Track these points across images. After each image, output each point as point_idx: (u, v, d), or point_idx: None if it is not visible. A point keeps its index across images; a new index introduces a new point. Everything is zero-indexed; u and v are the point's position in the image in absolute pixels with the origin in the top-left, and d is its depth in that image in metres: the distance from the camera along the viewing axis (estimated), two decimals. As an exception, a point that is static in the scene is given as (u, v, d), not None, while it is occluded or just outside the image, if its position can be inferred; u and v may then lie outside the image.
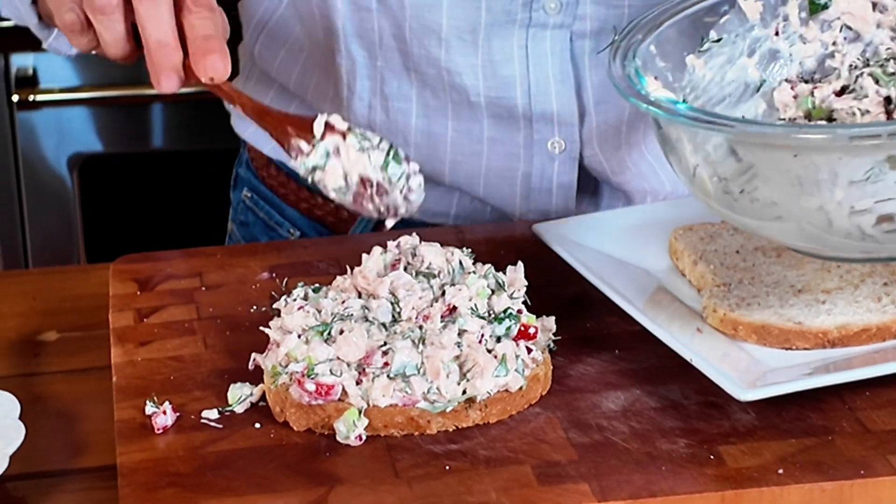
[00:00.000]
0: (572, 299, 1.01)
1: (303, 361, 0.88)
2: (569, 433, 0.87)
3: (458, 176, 1.23)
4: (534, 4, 1.15)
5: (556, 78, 1.18)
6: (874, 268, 1.00)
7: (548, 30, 1.17)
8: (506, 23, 1.16)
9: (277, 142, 0.95)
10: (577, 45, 1.18)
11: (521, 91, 1.18)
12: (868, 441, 0.85)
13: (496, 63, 1.18)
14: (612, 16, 1.16)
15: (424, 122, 1.22)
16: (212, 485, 0.83)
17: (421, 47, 1.18)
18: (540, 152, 1.21)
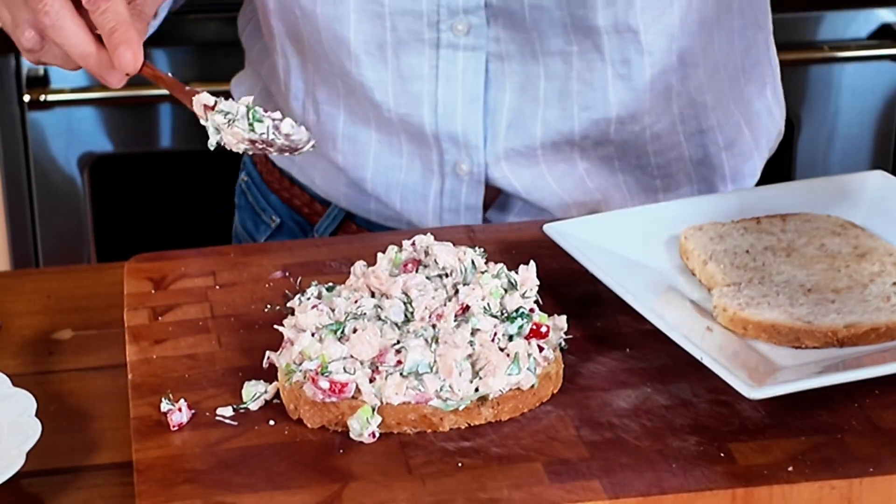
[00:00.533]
0: (583, 298, 1.01)
1: (317, 359, 0.89)
2: (580, 431, 0.88)
3: (378, 186, 1.24)
4: (440, 25, 1.14)
5: (465, 100, 1.18)
6: (884, 267, 1.00)
7: (459, 51, 1.16)
8: (414, 41, 1.16)
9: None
10: (495, 67, 1.17)
11: (428, 109, 1.18)
12: (877, 439, 0.86)
13: (405, 80, 1.17)
14: (526, 40, 1.15)
15: (351, 129, 1.22)
16: (227, 481, 0.84)
17: (336, 58, 1.18)
18: (450, 172, 1.21)
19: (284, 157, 1.32)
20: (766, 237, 1.05)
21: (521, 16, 1.14)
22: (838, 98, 2.13)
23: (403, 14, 1.14)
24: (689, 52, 1.19)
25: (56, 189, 2.05)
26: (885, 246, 1.03)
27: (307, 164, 1.30)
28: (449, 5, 1.14)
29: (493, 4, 1.14)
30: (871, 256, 1.02)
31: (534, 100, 1.18)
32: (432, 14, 1.14)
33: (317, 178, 1.30)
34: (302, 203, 1.32)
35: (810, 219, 1.07)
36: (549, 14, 1.14)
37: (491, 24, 1.15)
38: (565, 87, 1.18)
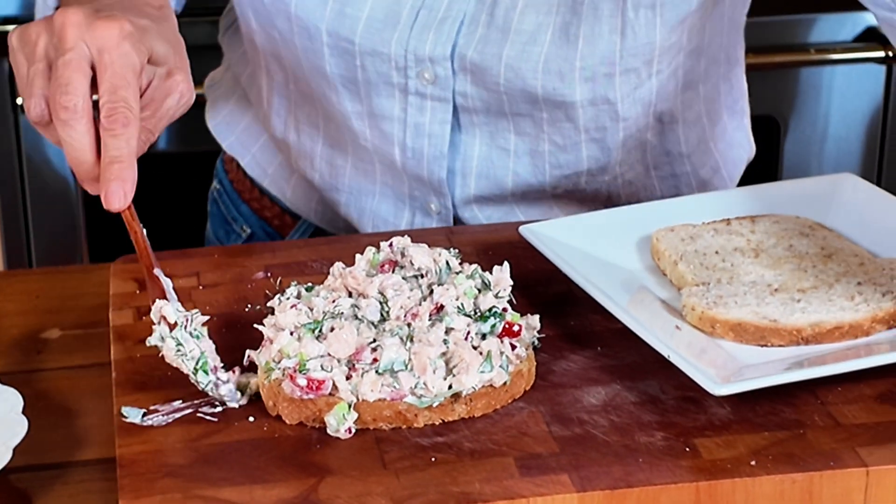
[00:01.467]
0: (557, 298, 1.04)
1: (295, 357, 0.91)
2: (551, 427, 0.90)
3: (351, 210, 1.25)
4: (408, 72, 1.15)
5: (431, 150, 1.19)
6: (849, 268, 1.03)
7: (427, 100, 1.17)
8: (383, 83, 1.16)
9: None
10: (465, 118, 1.18)
11: (398, 150, 1.19)
12: (838, 434, 0.89)
13: (377, 117, 1.18)
14: (494, 99, 1.16)
15: (329, 151, 1.24)
16: (207, 475, 0.86)
17: (316, 85, 1.19)
18: (420, 208, 1.23)
19: (256, 168, 1.33)
20: (736, 238, 1.07)
21: (495, 75, 1.15)
22: (825, 100, 2.15)
23: (372, 55, 1.15)
24: (668, 112, 1.21)
25: (49, 190, 2.06)
26: (851, 247, 1.06)
27: (279, 176, 1.31)
28: (416, 52, 1.14)
29: (465, 57, 1.15)
30: (838, 257, 1.04)
31: (503, 151, 1.20)
32: (399, 59, 1.15)
33: (289, 192, 1.31)
34: (272, 215, 1.33)
35: (779, 220, 1.10)
36: (524, 81, 1.15)
37: (458, 77, 1.16)
38: (535, 147, 1.20)
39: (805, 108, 2.14)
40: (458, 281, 0.95)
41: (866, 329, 0.96)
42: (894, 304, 0.98)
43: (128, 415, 0.92)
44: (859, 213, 1.10)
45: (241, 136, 1.34)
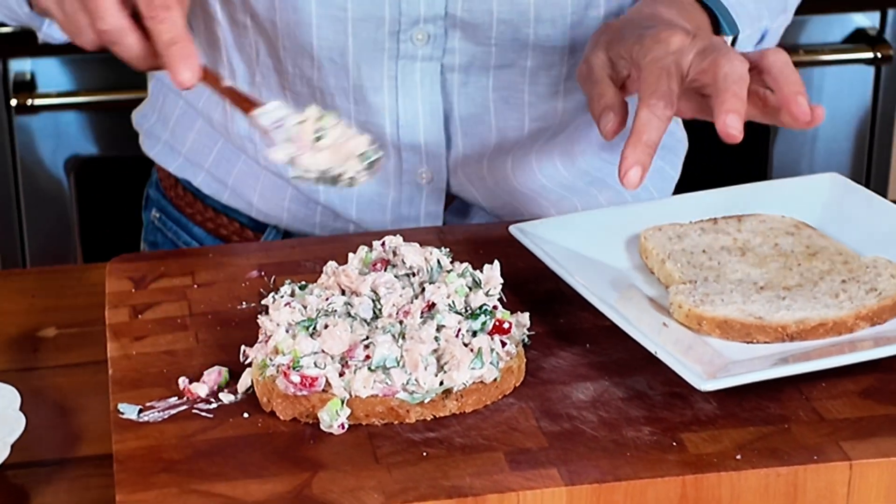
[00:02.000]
0: (546, 296, 1.05)
1: (289, 354, 0.92)
2: (540, 422, 0.92)
3: (331, 198, 1.25)
4: (401, 35, 1.16)
5: (425, 110, 1.20)
6: (833, 266, 1.05)
7: (417, 62, 1.18)
8: (374, 51, 1.17)
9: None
10: (448, 77, 1.19)
11: (389, 120, 1.20)
12: (822, 429, 0.90)
13: (366, 89, 1.19)
14: (481, 52, 1.18)
15: None
16: (203, 471, 0.88)
17: (295, 66, 1.19)
18: (409, 181, 1.23)
19: (213, 184, 1.30)
20: (723, 237, 1.09)
21: (487, 29, 1.17)
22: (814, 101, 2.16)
23: (365, 20, 1.16)
24: None
25: (43, 192, 2.07)
26: (835, 245, 1.08)
27: (242, 184, 1.29)
28: (409, 13, 1.16)
29: (455, 15, 1.16)
30: (822, 255, 1.06)
31: (484, 107, 1.21)
32: (394, 22, 1.16)
33: (255, 197, 1.29)
34: (230, 232, 1.31)
35: (765, 219, 1.11)
36: (516, 31, 1.17)
37: (449, 35, 1.17)
38: (517, 99, 1.21)
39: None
40: (449, 279, 0.96)
41: (850, 326, 0.98)
42: (878, 301, 0.99)
43: (124, 411, 0.93)
44: (843, 213, 1.12)
45: (190, 155, 1.32)
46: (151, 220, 1.39)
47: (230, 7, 1.20)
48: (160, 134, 1.34)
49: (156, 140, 1.35)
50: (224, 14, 1.21)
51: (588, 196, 1.29)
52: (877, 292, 1.00)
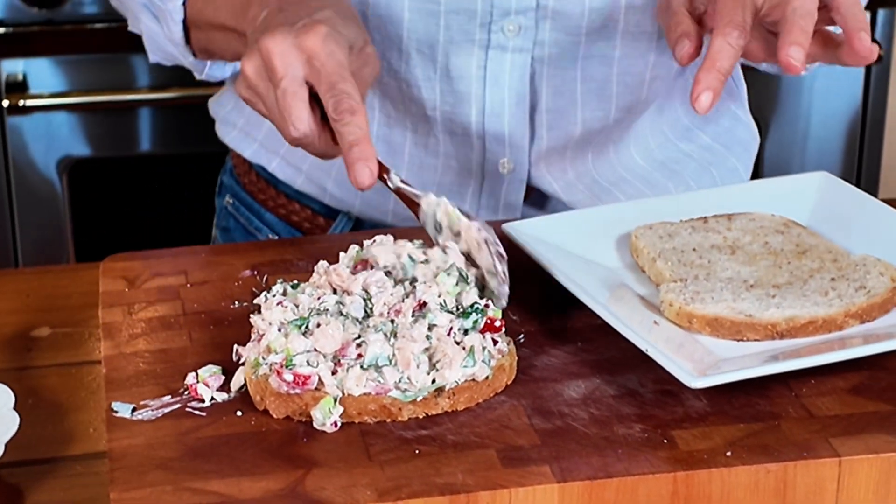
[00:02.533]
0: (538, 294, 1.06)
1: (282, 353, 0.93)
2: (532, 419, 0.92)
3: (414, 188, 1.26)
4: (492, 26, 1.18)
5: (511, 100, 1.22)
6: (823, 264, 1.05)
7: (507, 52, 1.20)
8: (465, 41, 1.19)
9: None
10: (537, 69, 1.21)
11: (475, 109, 1.22)
12: (812, 426, 0.91)
13: (453, 79, 1.21)
14: (571, 42, 1.20)
15: (385, 130, 1.25)
16: (197, 468, 0.88)
17: (382, 58, 1.19)
18: (491, 171, 1.25)
19: (287, 169, 1.32)
20: (713, 235, 1.09)
21: (578, 18, 1.19)
22: (805, 101, 2.17)
23: (458, 13, 1.18)
24: None
25: (35, 192, 2.07)
26: (825, 243, 1.08)
27: (317, 171, 1.31)
28: (501, 5, 1.18)
29: (547, 6, 1.18)
30: (812, 253, 1.07)
31: (571, 100, 1.23)
32: (485, 14, 1.18)
33: (330, 184, 1.31)
34: (301, 219, 1.34)
35: (755, 218, 1.12)
36: (605, 19, 1.19)
37: (539, 27, 1.19)
38: (604, 90, 1.23)
39: (786, 109, 2.16)
40: (440, 279, 0.97)
41: (839, 323, 0.99)
42: (867, 299, 1.00)
43: (118, 410, 0.94)
44: (833, 211, 1.12)
45: (266, 141, 1.33)
46: (224, 205, 1.41)
47: None
48: (235, 120, 1.36)
49: (231, 126, 1.37)
50: None
51: (664, 190, 1.31)
52: (866, 290, 1.01)
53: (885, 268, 1.03)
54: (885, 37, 2.16)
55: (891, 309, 1.01)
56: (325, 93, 0.99)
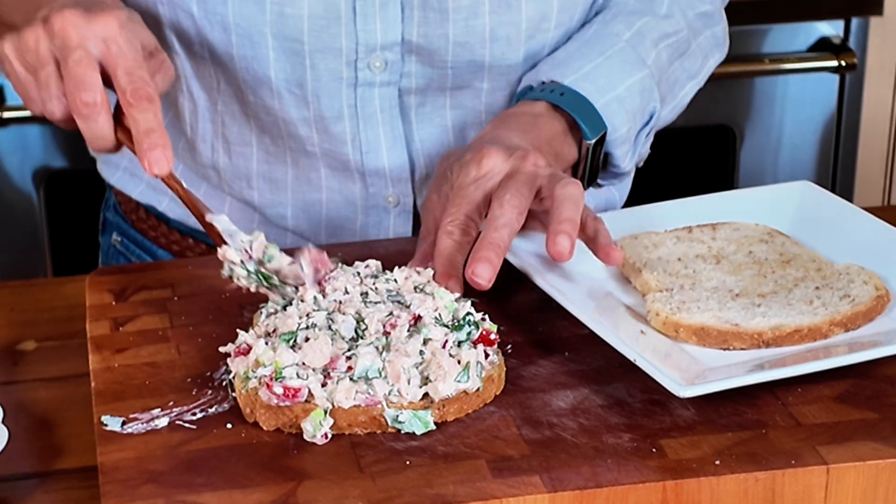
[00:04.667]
0: (525, 305, 1.06)
1: (270, 366, 0.93)
2: (521, 430, 0.93)
3: (300, 222, 1.25)
4: (358, 63, 1.17)
5: (387, 136, 1.20)
6: (807, 273, 1.06)
7: (375, 88, 1.18)
8: (333, 80, 1.18)
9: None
10: (405, 100, 1.20)
11: (352, 148, 1.20)
12: (799, 434, 0.91)
13: (327, 119, 1.19)
14: (438, 75, 1.19)
15: (266, 167, 1.23)
16: (188, 481, 0.88)
17: (255, 97, 1.19)
18: (376, 205, 1.24)
19: (177, 208, 1.30)
20: (698, 245, 1.10)
21: (443, 54, 1.18)
22: (780, 109, 2.18)
23: (323, 52, 1.16)
24: None
25: (12, 205, 2.06)
26: (808, 253, 1.09)
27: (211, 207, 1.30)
28: (366, 42, 1.16)
29: (412, 41, 1.17)
30: (796, 262, 1.08)
31: (442, 129, 1.22)
32: (351, 52, 1.16)
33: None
34: (197, 255, 1.31)
35: (739, 227, 1.13)
36: (472, 53, 1.18)
37: (405, 60, 1.18)
38: (473, 119, 1.22)
39: (760, 118, 2.17)
40: (438, 294, 0.97)
41: (824, 332, 1.00)
42: (851, 307, 1.01)
43: (108, 423, 0.94)
44: (816, 220, 1.13)
45: (153, 181, 1.31)
46: (112, 244, 1.38)
47: (186, 40, 1.20)
48: (118, 161, 1.33)
49: (115, 167, 1.34)
50: (181, 46, 1.21)
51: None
52: (850, 299, 1.02)
53: (869, 276, 1.04)
54: (858, 45, 2.18)
55: (875, 317, 1.02)
56: (122, 76, 0.98)
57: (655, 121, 1.21)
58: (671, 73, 1.23)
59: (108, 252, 1.39)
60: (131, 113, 0.99)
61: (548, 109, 1.16)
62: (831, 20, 2.16)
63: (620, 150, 1.18)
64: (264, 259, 1.01)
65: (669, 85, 1.23)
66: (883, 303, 1.02)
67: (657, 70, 1.20)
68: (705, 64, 1.27)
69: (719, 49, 1.29)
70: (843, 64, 2.13)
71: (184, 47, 1.21)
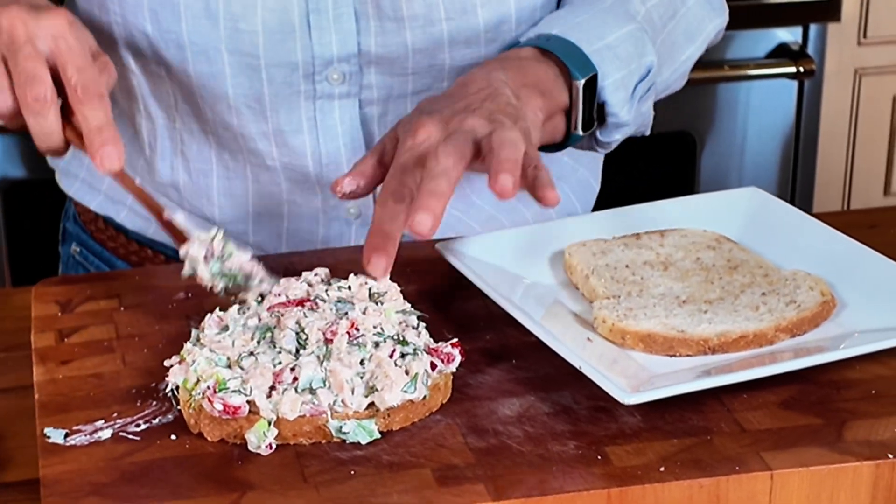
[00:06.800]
0: (473, 313, 1.06)
1: (212, 379, 0.92)
2: (467, 438, 0.92)
3: (261, 236, 1.25)
4: (316, 76, 1.16)
5: (347, 147, 1.20)
6: (754, 279, 1.07)
7: (335, 100, 1.18)
8: (290, 94, 1.17)
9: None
10: (367, 111, 1.20)
11: (312, 161, 1.20)
12: (744, 440, 0.92)
13: (285, 133, 1.19)
14: (398, 83, 1.19)
15: (226, 183, 1.23)
16: (131, 493, 0.88)
17: (213, 113, 1.19)
18: (337, 217, 1.23)
19: (136, 219, 1.30)
20: (646, 252, 1.10)
21: (403, 61, 1.17)
22: (741, 115, 2.19)
23: (279, 66, 1.16)
24: None
25: (-30, 215, 2.06)
26: (755, 259, 1.09)
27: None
28: (322, 55, 1.16)
29: (370, 52, 1.16)
30: (743, 269, 1.08)
31: None
32: (307, 65, 1.16)
33: None
34: (156, 265, 1.30)
35: (687, 234, 1.13)
36: (432, 58, 1.18)
37: (364, 71, 1.18)
38: None
39: (720, 124, 2.18)
40: (387, 307, 0.97)
41: (770, 338, 1.00)
42: (797, 313, 1.01)
43: (50, 435, 0.93)
44: (765, 226, 1.14)
45: (110, 192, 1.30)
46: (71, 254, 1.37)
47: (141, 58, 1.20)
48: (77, 172, 1.33)
49: (73, 178, 1.33)
50: (137, 64, 1.21)
51: (515, 213, 1.30)
52: (796, 304, 1.02)
53: (815, 282, 1.05)
54: (816, 52, 2.19)
55: (821, 323, 1.02)
56: (72, 73, 0.99)
57: (653, 77, 1.18)
58: (666, 35, 1.21)
59: (67, 262, 1.38)
60: (81, 110, 0.98)
61: (535, 54, 1.13)
62: (790, 27, 2.17)
63: (615, 96, 1.14)
64: (223, 256, 1.01)
65: (667, 47, 1.21)
66: (829, 308, 1.03)
67: (649, 27, 1.18)
68: (703, 29, 1.25)
69: (717, 14, 1.27)
70: (802, 70, 2.14)
71: (140, 66, 1.21)
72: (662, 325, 1.00)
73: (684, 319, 1.01)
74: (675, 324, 1.00)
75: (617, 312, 1.01)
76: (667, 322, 1.00)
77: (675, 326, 1.00)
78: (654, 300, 1.03)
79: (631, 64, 1.16)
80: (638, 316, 1.01)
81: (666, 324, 1.00)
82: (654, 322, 1.00)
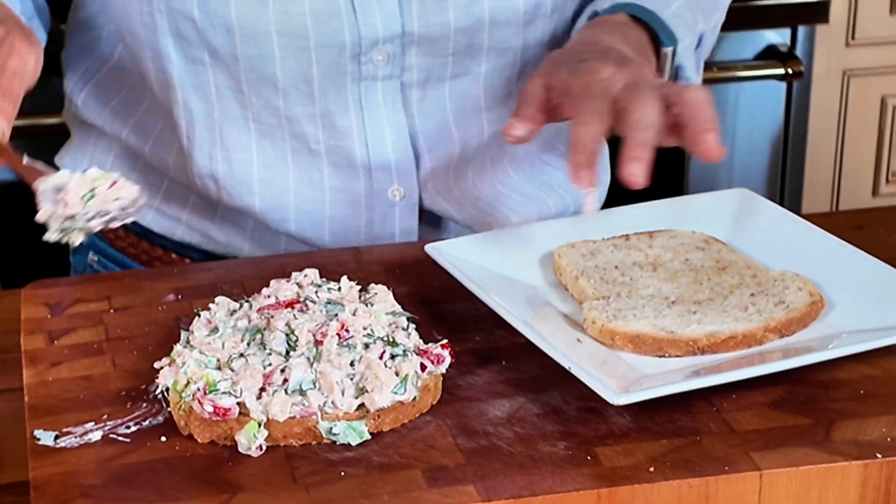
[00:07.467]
0: (463, 315, 1.07)
1: (202, 380, 0.93)
2: (457, 439, 0.93)
3: (303, 224, 1.25)
4: (361, 58, 1.18)
5: (391, 128, 1.22)
6: (742, 280, 1.07)
7: (378, 81, 1.20)
8: (338, 75, 1.19)
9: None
10: (407, 94, 1.22)
11: (358, 142, 1.21)
12: (733, 440, 0.92)
13: (333, 114, 1.20)
14: (438, 64, 1.21)
15: (266, 171, 1.23)
16: (121, 495, 0.88)
17: (259, 97, 1.20)
18: (381, 200, 1.24)
19: (163, 220, 1.29)
20: (635, 253, 1.11)
21: (444, 41, 1.19)
22: (730, 117, 2.20)
23: (327, 47, 1.17)
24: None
25: (-42, 218, 2.06)
26: (744, 260, 1.10)
27: (199, 216, 1.29)
28: (368, 35, 1.17)
29: (413, 32, 1.18)
30: (731, 270, 1.08)
31: (443, 120, 1.23)
32: (354, 46, 1.18)
33: (213, 230, 1.28)
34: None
35: (676, 235, 1.13)
36: (471, 37, 1.20)
37: (406, 53, 1.19)
38: (475, 104, 1.24)
39: (709, 125, 2.18)
40: (376, 309, 0.97)
41: (759, 338, 1.00)
42: (786, 313, 1.02)
43: (41, 437, 0.93)
44: (751, 227, 1.14)
45: None
46: (89, 263, 1.36)
47: (184, 45, 1.20)
48: None
49: None
50: (179, 53, 1.20)
51: (539, 202, 1.31)
52: (785, 305, 1.02)
53: (804, 283, 1.05)
54: (805, 53, 2.20)
55: (809, 323, 1.02)
56: None
57: (704, 42, 1.24)
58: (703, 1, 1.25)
59: (84, 272, 1.37)
60: None
61: (628, 20, 1.17)
62: (778, 28, 2.17)
63: (688, 60, 1.21)
64: (85, 198, 1.04)
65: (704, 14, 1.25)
66: (817, 309, 1.03)
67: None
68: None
69: None
70: (791, 71, 2.15)
71: (180, 55, 1.21)
72: (652, 325, 1.00)
73: (673, 320, 1.01)
74: (664, 325, 1.00)
75: (606, 313, 1.01)
76: (656, 323, 1.00)
77: (665, 327, 1.00)
78: (643, 301, 1.04)
79: (694, 29, 1.21)
80: (627, 317, 1.01)
81: (655, 325, 1.00)
82: (644, 323, 1.00)
